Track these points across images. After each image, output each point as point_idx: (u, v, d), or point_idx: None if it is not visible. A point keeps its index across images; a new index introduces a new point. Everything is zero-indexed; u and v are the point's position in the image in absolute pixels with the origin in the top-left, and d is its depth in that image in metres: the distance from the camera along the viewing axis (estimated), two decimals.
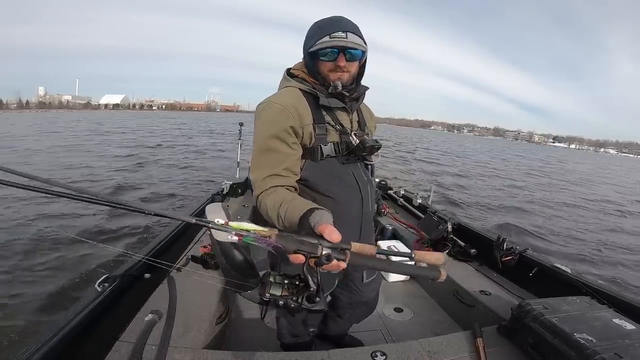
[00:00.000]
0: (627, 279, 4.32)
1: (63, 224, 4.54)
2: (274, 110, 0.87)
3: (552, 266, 1.73)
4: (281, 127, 0.86)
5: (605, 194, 12.36)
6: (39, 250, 3.67)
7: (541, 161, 28.26)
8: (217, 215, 1.30)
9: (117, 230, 4.39)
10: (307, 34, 0.92)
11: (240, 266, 1.26)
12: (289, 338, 1.29)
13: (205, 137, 21.13)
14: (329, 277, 1.07)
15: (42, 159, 9.97)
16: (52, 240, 3.94)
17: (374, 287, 1.31)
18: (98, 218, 4.83)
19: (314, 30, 0.89)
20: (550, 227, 6.46)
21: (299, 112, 0.89)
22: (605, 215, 8.58)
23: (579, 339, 1.01)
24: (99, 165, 9.19)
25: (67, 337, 1.01)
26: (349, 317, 1.38)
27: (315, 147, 0.91)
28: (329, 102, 0.92)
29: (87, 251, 3.70)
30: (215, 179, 7.56)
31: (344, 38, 0.86)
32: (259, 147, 0.89)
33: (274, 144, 0.86)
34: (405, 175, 10.93)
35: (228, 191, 3.26)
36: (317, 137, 0.91)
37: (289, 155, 0.87)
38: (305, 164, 0.91)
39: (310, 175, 0.91)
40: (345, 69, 0.90)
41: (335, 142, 0.94)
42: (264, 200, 0.83)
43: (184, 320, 1.27)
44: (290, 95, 0.91)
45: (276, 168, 0.86)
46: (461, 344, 1.20)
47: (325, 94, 0.92)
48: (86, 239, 4.03)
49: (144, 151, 12.42)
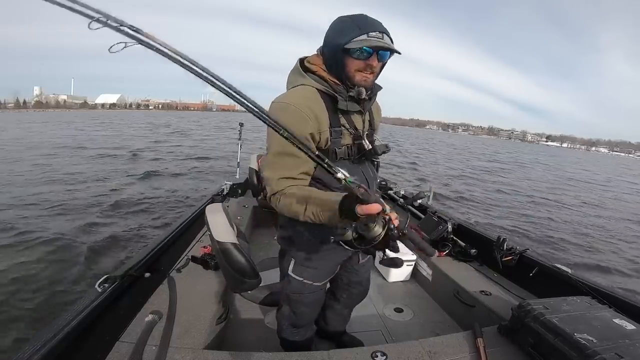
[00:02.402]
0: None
1: (63, 223, 4.55)
2: (291, 114, 0.86)
3: (552, 266, 1.73)
4: (300, 134, 0.85)
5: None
6: (39, 249, 3.67)
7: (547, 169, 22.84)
8: (217, 215, 1.31)
9: (117, 230, 4.39)
10: (338, 28, 0.88)
11: (241, 267, 1.26)
12: (290, 330, 1.28)
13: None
14: (332, 263, 1.12)
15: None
16: (52, 239, 3.95)
17: (367, 268, 1.37)
18: (98, 217, 4.84)
19: (349, 27, 0.85)
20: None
21: (318, 117, 0.89)
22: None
23: (580, 339, 1.01)
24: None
25: (67, 337, 1.01)
26: (346, 298, 1.41)
27: (330, 150, 0.92)
28: (347, 106, 0.92)
29: (87, 251, 3.71)
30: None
31: (381, 39, 0.84)
32: (276, 150, 0.89)
33: (292, 149, 0.83)
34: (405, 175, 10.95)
35: (228, 191, 3.26)
36: (332, 140, 0.92)
37: (305, 161, 0.87)
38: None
39: (323, 175, 0.93)
40: (375, 69, 0.90)
41: (348, 145, 0.95)
42: (283, 198, 0.87)
43: (184, 320, 1.27)
44: (308, 97, 0.90)
45: (292, 172, 0.88)
46: (461, 344, 1.20)
47: (345, 97, 0.92)
48: (86, 239, 4.04)
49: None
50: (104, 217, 4.90)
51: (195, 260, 1.75)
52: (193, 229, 2.14)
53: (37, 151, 11.31)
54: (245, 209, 3.00)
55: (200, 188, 7.00)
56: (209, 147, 14.84)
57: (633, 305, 1.34)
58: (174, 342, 1.14)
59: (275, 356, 1.13)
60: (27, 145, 12.69)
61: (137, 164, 9.79)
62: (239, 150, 3.96)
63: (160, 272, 1.57)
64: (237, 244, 1.26)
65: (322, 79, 0.92)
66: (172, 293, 1.43)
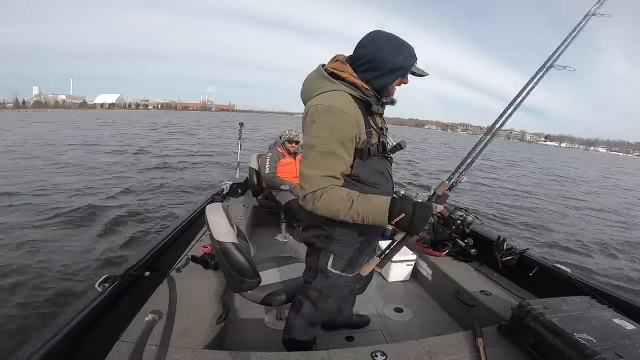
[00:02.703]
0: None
1: (63, 222, 4.55)
2: (339, 118, 0.95)
3: (552, 266, 1.73)
4: (346, 136, 0.96)
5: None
6: (39, 249, 3.68)
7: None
8: (217, 215, 1.31)
9: (117, 230, 4.39)
10: (396, 51, 0.99)
11: (241, 266, 1.26)
12: (302, 330, 1.29)
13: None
14: (367, 255, 1.18)
15: None
16: (51, 239, 3.95)
17: None
18: (98, 217, 4.84)
19: (408, 53, 1.00)
20: None
21: (358, 120, 0.98)
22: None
23: (579, 339, 1.01)
24: None
25: (67, 337, 1.01)
26: (359, 288, 1.57)
27: (364, 149, 1.02)
28: (378, 109, 1.05)
29: (86, 250, 3.71)
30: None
31: (416, 64, 1.03)
32: (322, 149, 0.96)
33: (338, 150, 0.96)
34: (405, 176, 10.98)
35: (228, 191, 3.26)
36: (367, 140, 1.02)
37: (347, 162, 0.99)
38: (355, 163, 1.02)
39: (360, 172, 1.03)
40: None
41: (376, 144, 1.05)
42: (325, 196, 0.94)
43: (184, 320, 1.27)
44: (348, 103, 0.99)
45: (334, 171, 0.96)
46: (461, 344, 1.21)
47: (375, 101, 1.04)
48: (86, 238, 4.04)
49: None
50: (104, 216, 4.90)
51: (195, 259, 1.76)
52: (193, 229, 2.14)
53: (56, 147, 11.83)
54: (245, 208, 3.01)
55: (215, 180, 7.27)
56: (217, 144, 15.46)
57: (633, 305, 1.34)
58: (174, 341, 1.14)
59: (275, 356, 1.13)
60: (47, 142, 13.62)
61: (142, 162, 9.92)
62: (238, 150, 3.96)
63: (160, 272, 1.57)
64: (237, 243, 1.26)
65: (354, 85, 1.01)
66: (172, 293, 1.43)
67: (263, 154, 3.01)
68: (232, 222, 1.35)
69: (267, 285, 1.42)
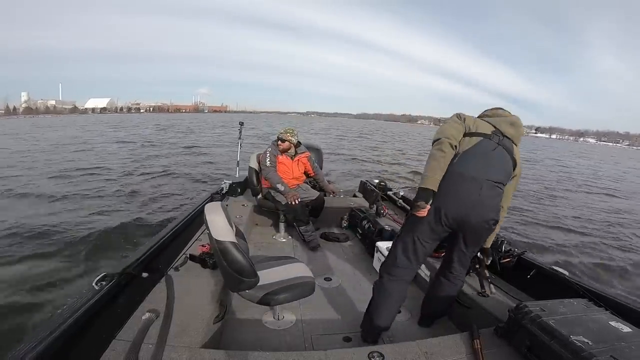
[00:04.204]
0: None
1: (62, 221, 4.53)
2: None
3: (549, 268, 1.73)
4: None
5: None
6: (38, 248, 3.66)
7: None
8: (216, 214, 1.31)
9: (116, 229, 4.38)
10: None
11: (239, 266, 1.26)
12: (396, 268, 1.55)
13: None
14: None
15: None
16: (50, 238, 3.94)
17: None
18: (98, 216, 4.83)
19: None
20: None
21: None
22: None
23: (576, 341, 1.01)
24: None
25: (64, 335, 1.01)
26: None
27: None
28: None
29: (85, 249, 3.69)
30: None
31: None
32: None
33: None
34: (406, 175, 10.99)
35: (227, 190, 3.26)
36: None
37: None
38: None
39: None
40: None
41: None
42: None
43: (181, 319, 1.27)
44: None
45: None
46: (458, 346, 1.21)
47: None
48: (84, 236, 4.02)
49: None
50: (103, 216, 4.89)
51: (194, 258, 1.75)
52: (192, 228, 2.14)
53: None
54: (244, 208, 3.00)
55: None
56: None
57: (629, 308, 1.34)
58: (171, 340, 1.14)
59: (272, 355, 1.13)
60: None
61: (148, 160, 10.08)
62: (238, 150, 3.96)
63: (158, 271, 1.57)
64: (236, 243, 1.26)
65: None
66: (170, 291, 1.43)
67: (262, 153, 3.01)
68: (231, 222, 1.35)
69: (265, 285, 1.42)
